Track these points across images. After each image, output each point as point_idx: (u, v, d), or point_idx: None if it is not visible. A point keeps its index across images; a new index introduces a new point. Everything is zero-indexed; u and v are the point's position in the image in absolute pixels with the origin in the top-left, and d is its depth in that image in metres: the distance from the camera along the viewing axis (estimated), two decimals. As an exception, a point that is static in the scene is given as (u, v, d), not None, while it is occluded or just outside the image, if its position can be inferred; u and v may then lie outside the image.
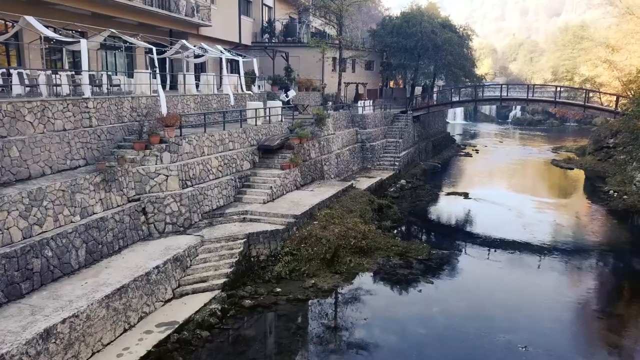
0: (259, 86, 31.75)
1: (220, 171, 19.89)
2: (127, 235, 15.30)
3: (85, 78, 17.21)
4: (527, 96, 40.78)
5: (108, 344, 11.56)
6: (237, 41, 34.81)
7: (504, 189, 35.50)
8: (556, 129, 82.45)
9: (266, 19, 39.62)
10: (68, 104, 15.82)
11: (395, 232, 22.79)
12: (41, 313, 10.63)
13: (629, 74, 35.95)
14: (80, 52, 17.31)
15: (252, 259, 16.88)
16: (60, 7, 20.45)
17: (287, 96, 30.89)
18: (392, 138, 36.44)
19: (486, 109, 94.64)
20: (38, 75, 16.65)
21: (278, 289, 15.60)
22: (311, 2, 41.60)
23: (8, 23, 18.60)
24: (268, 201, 20.16)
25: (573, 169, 41.98)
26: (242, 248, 16.40)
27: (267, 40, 38.50)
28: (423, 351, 13.09)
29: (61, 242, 12.85)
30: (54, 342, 10.07)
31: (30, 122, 14.37)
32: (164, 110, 19.17)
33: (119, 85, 20.94)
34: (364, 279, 17.14)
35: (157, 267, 13.72)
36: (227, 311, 13.91)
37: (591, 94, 38.22)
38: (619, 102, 33.97)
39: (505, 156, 49.81)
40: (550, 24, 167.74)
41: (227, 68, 27.65)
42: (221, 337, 12.86)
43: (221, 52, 26.65)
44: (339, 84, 36.98)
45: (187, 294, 14.41)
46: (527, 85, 44.84)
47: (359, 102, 36.82)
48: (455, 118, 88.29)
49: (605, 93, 39.00)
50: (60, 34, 17.85)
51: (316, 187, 23.72)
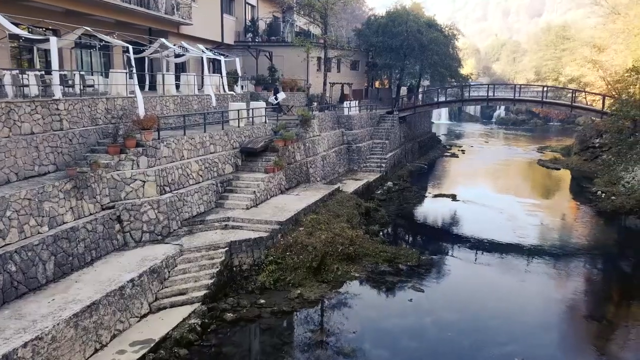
0: (242, 86, 30.88)
1: (200, 175, 19.00)
2: (101, 245, 14.35)
3: (55, 78, 16.18)
4: (514, 96, 40.56)
5: (77, 367, 10.65)
6: (219, 40, 33.96)
7: (492, 191, 35.10)
8: (540, 129, 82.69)
9: (249, 18, 38.82)
10: (36, 106, 14.84)
11: (383, 237, 22.12)
12: (1, 336, 9.70)
13: (615, 74, 35.85)
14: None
15: (235, 269, 16.02)
16: (31, 4, 19.39)
17: (277, 99, 29.95)
18: (379, 139, 35.80)
19: (470, 109, 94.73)
20: (3, 75, 15.55)
21: (262, 301, 14.83)
22: (295, 1, 40.79)
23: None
24: (251, 206, 19.31)
25: (560, 169, 41.78)
26: (224, 257, 15.55)
27: (251, 39, 37.66)
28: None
29: (26, 256, 11.88)
30: (14, 369, 9.15)
31: (-7, 126, 13.39)
32: (142, 111, 18.21)
33: (94, 85, 19.95)
34: (352, 288, 16.42)
35: (132, 280, 12.82)
36: (208, 326, 13.10)
37: (577, 94, 38.06)
38: (606, 103, 33.79)
39: (491, 156, 49.55)
40: (531, 25, 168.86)
41: (209, 68, 26.78)
42: (201, 356, 12.03)
43: (203, 52, 25.75)
44: (324, 84, 36.22)
45: (165, 308, 13.56)
46: (514, 85, 44.57)
47: (345, 103, 36.12)
48: (440, 118, 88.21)
49: (591, 93, 38.91)
50: (30, 32, 16.82)
51: (302, 191, 22.94)
